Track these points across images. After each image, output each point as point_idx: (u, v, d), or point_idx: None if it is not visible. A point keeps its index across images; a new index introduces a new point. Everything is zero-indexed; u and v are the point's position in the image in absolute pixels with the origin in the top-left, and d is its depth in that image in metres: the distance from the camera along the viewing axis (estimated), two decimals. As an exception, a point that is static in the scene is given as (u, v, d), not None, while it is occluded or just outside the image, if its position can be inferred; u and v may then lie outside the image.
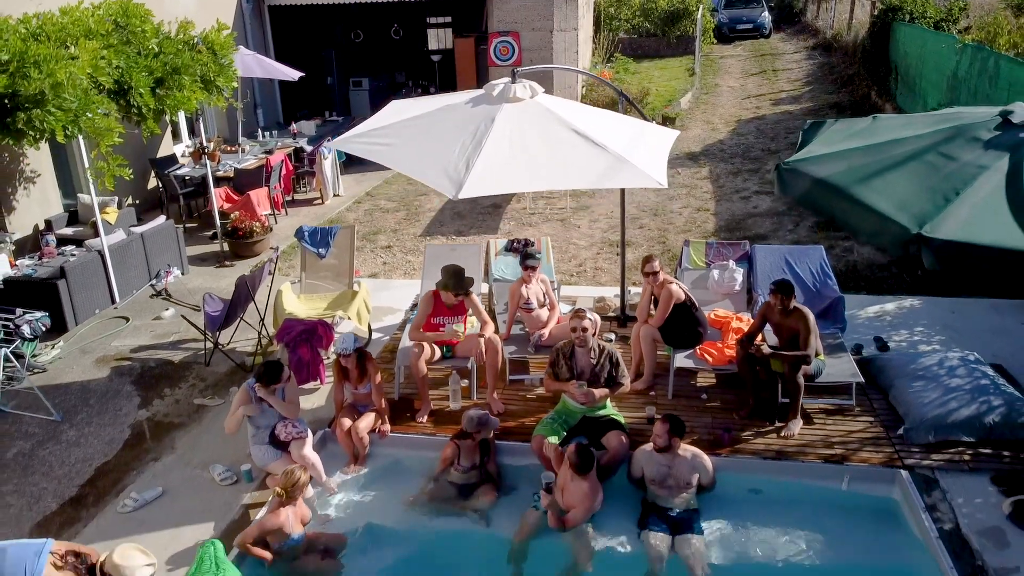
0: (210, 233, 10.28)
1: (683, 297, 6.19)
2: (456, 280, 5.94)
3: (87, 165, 7.60)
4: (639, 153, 5.46)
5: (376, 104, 17.16)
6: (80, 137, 7.15)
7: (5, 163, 9.36)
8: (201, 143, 9.50)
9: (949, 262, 4.68)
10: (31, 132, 6.45)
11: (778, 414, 5.85)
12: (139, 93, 7.40)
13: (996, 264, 4.77)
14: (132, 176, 7.60)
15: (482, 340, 5.95)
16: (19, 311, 6.64)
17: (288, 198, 12.06)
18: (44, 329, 6.80)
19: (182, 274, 9.11)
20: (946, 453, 5.42)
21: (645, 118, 6.74)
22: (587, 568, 4.81)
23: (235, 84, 8.85)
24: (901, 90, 14.19)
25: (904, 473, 5.26)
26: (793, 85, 18.64)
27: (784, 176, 5.73)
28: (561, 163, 5.29)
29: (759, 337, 5.95)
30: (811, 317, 5.66)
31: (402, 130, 5.69)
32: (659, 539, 4.87)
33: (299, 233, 7.60)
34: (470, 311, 6.22)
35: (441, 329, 6.13)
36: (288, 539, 4.56)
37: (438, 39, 18.36)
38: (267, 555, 4.57)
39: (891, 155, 5.39)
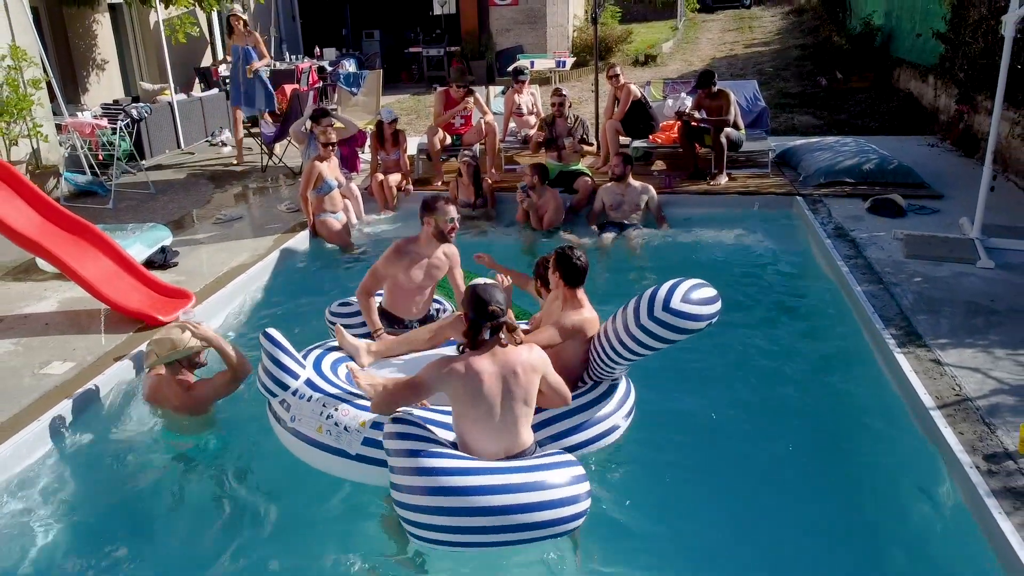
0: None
1: (639, 95, 7.97)
2: (460, 73, 7.74)
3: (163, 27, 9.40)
4: None
5: (385, 54, 19.17)
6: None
7: (81, 50, 11.18)
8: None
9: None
10: None
11: (711, 177, 7.60)
12: None
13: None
14: (199, 33, 9.39)
15: (483, 121, 7.74)
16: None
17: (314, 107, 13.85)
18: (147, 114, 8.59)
19: (232, 135, 10.88)
20: (832, 188, 7.22)
21: None
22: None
23: None
24: (853, 24, 16.05)
25: (799, 198, 7.05)
26: (765, 35, 20.56)
27: None
28: None
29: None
30: (732, 95, 7.45)
31: None
32: (610, 234, 6.65)
33: (335, 75, 9.40)
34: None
35: (451, 119, 7.93)
36: (325, 183, 6.36)
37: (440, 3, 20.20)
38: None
39: None
